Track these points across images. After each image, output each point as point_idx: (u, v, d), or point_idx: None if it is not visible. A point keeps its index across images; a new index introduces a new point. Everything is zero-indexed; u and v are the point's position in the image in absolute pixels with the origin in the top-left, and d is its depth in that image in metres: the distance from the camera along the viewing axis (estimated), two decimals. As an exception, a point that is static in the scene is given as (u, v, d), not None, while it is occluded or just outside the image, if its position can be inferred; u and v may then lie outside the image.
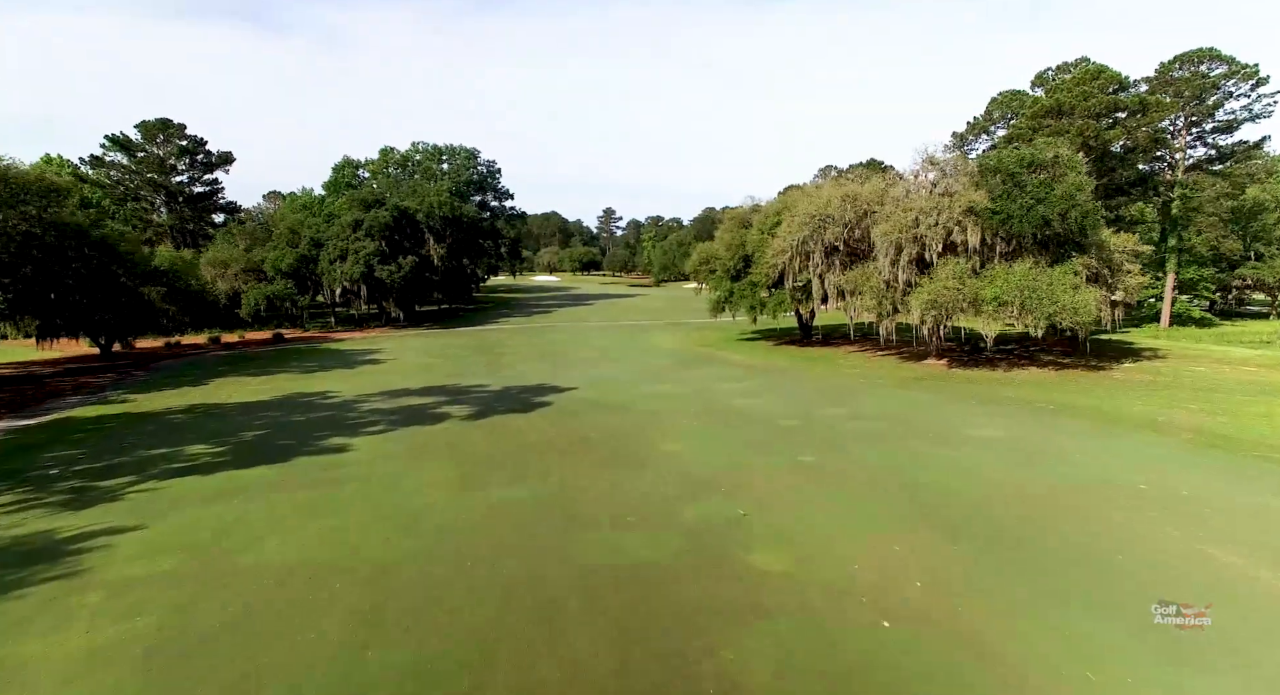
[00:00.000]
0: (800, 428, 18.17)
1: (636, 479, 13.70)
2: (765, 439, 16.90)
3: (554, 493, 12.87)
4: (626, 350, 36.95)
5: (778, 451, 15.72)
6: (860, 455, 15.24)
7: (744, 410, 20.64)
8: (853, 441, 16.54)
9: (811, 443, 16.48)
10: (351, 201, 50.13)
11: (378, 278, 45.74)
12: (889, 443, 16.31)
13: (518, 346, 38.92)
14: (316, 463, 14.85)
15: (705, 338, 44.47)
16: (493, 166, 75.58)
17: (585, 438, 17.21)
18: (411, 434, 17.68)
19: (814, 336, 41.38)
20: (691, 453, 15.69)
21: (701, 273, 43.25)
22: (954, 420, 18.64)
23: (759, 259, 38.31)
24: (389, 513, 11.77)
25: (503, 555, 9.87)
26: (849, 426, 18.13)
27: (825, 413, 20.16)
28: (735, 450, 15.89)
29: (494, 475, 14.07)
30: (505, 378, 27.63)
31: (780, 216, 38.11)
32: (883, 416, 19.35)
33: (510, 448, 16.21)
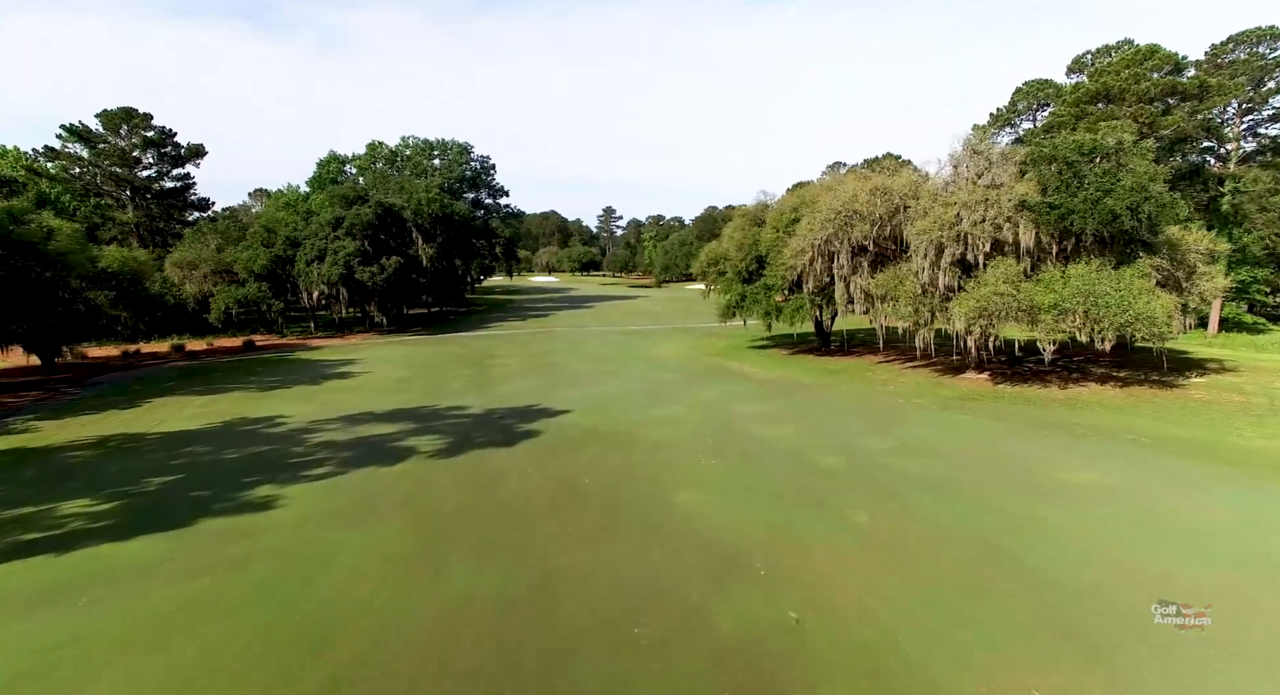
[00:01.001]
0: (842, 468, 14.71)
1: (644, 554, 10.25)
2: (802, 486, 13.44)
3: (533, 582, 9.41)
4: (628, 361, 33.47)
5: (821, 506, 12.28)
6: (931, 513, 11.79)
7: (769, 442, 17.16)
8: (915, 490, 13.07)
9: (862, 491, 13.03)
10: (332, 198, 46.67)
11: (358, 280, 42.28)
12: (962, 493, 12.84)
13: (508, 357, 35.43)
14: (226, 528, 11.37)
15: (713, 345, 41.00)
16: (487, 162, 72.13)
17: (578, 485, 13.74)
18: (363, 479, 14.20)
19: (832, 344, 37.91)
20: (712, 508, 12.24)
21: (710, 274, 39.78)
22: (1031, 459, 15.16)
23: (774, 260, 34.85)
24: (299, 621, 8.30)
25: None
26: (903, 466, 14.66)
27: (868, 445, 16.70)
28: (767, 504, 12.44)
29: (456, 548, 10.61)
30: (490, 396, 24.14)
31: (798, 213, 34.64)
32: (941, 452, 15.87)
33: (483, 502, 12.73)
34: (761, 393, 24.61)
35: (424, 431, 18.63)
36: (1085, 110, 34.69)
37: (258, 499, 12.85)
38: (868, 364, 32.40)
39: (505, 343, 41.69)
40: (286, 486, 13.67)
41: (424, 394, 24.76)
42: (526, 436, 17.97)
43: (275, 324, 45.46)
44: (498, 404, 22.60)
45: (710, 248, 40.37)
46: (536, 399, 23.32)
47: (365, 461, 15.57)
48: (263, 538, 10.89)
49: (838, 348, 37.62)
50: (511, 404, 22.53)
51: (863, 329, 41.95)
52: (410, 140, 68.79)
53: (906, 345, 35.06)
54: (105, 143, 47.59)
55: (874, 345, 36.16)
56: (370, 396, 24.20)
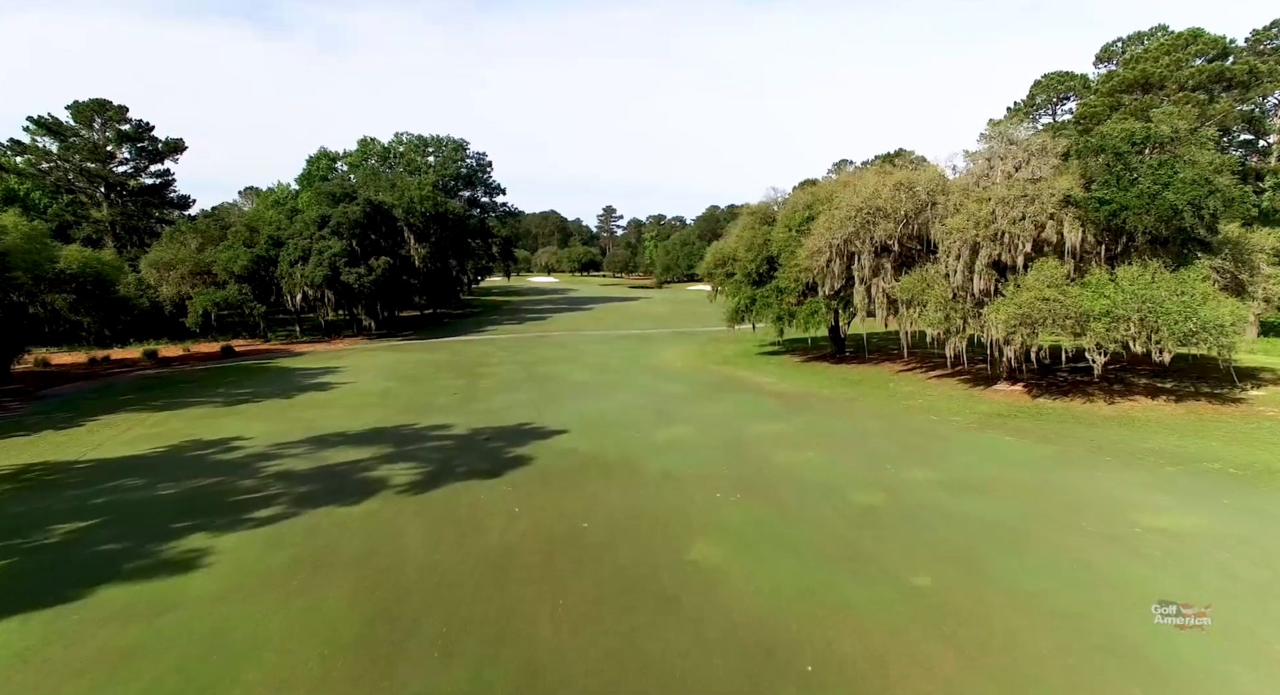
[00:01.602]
0: (885, 508, 12.42)
1: (659, 643, 7.97)
2: (841, 535, 11.15)
3: (511, 684, 7.12)
4: (630, 370, 31.15)
5: (871, 564, 10.01)
6: (1007, 575, 9.51)
7: (794, 472, 14.86)
8: (979, 541, 10.78)
9: (915, 542, 10.74)
10: (318, 195, 44.35)
11: (344, 282, 39.96)
12: (1037, 546, 10.55)
13: (501, 364, 33.10)
14: (128, 601, 9.05)
15: (721, 351, 38.68)
16: (483, 159, 69.81)
17: (574, 532, 11.44)
18: (315, 525, 11.88)
19: (848, 351, 35.60)
20: (737, 568, 9.95)
21: (717, 276, 37.46)
22: (1103, 496, 12.85)
23: (786, 261, 32.53)
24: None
25: None
26: (957, 508, 12.35)
27: (910, 477, 14.40)
28: (803, 561, 10.15)
29: (417, 631, 8.31)
30: (477, 413, 21.82)
31: (812, 211, 32.32)
32: (995, 487, 13.57)
33: (456, 559, 10.42)
34: (778, 409, 22.29)
35: (399, 458, 16.30)
36: (1119, 100, 32.38)
37: (181, 555, 10.52)
38: (888, 373, 30.11)
39: (499, 349, 39.36)
40: (221, 535, 11.34)
41: (405, 409, 22.44)
42: (515, 464, 15.65)
43: (258, 328, 43.15)
44: (486, 422, 20.28)
45: (717, 247, 38.06)
46: (529, 416, 21.00)
47: (324, 499, 13.24)
48: (169, 618, 8.57)
49: (853, 354, 35.31)
50: (501, 422, 20.21)
51: (877, 333, 39.66)
52: (404, 137, 66.56)
53: (927, 352, 32.79)
54: (77, 136, 45.17)
55: (891, 351, 33.90)
56: (346, 413, 21.87)
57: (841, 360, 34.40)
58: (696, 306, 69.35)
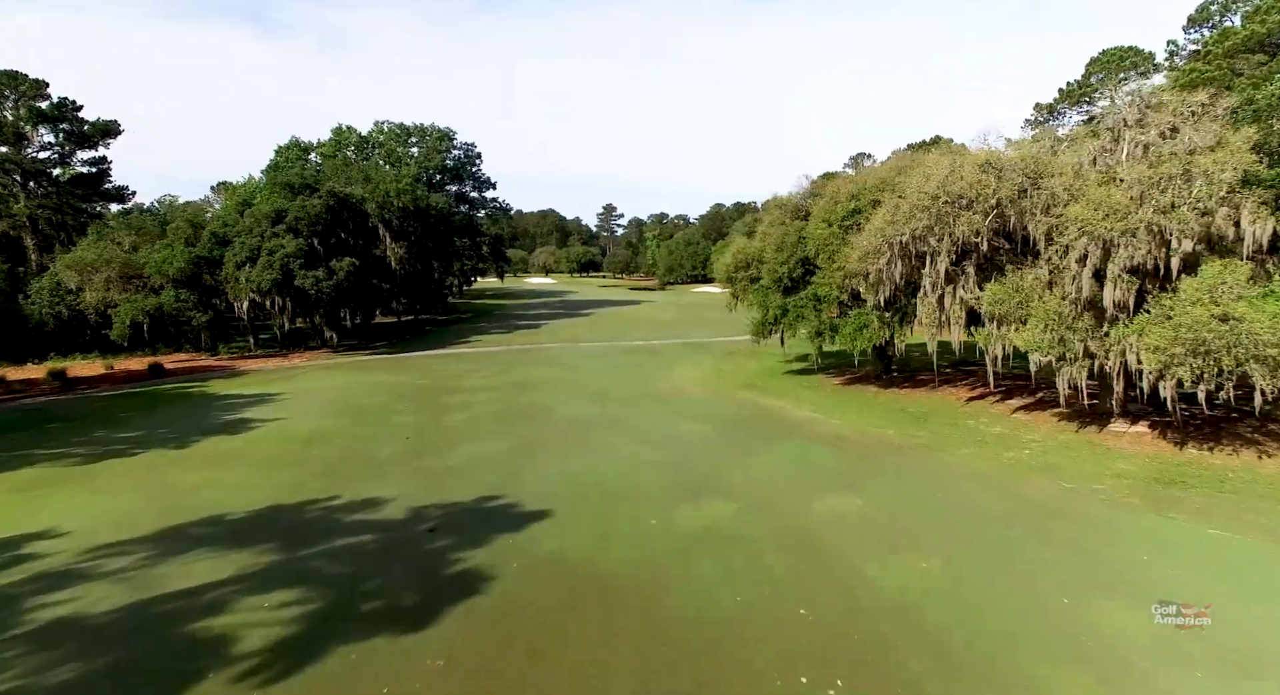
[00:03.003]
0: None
1: None
2: None
3: None
4: (636, 399, 25.14)
5: None
6: None
7: (918, 615, 8.99)
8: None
9: None
10: (272, 187, 38.36)
11: (299, 287, 33.98)
12: None
13: (477, 391, 27.07)
14: None
15: (742, 368, 32.71)
16: (471, 150, 63.79)
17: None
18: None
19: (893, 370, 29.63)
20: None
21: (738, 281, 31.45)
22: None
23: (827, 264, 26.60)
24: None
25: None
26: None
27: (1115, 625, 8.49)
28: None
29: None
30: (428, 475, 15.84)
31: (860, 202, 26.41)
32: (1269, 658, 7.64)
33: None
34: (841, 467, 16.33)
35: (279, 578, 10.32)
36: (1231, 64, 26.42)
37: None
38: (955, 402, 24.18)
39: (480, 367, 33.35)
40: None
41: (331, 469, 16.44)
42: (460, 594, 9.71)
43: (206, 341, 37.17)
44: (435, 494, 14.30)
45: (740, 247, 32.07)
46: (499, 482, 15.03)
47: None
48: None
49: (901, 374, 29.36)
50: (457, 495, 14.23)
51: (914, 346, 33.62)
52: (385, 126, 60.53)
53: (974, 366, 26.92)
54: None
55: (943, 371, 28.04)
56: (246, 475, 15.87)
57: (890, 382, 28.44)
58: (705, 311, 63.37)
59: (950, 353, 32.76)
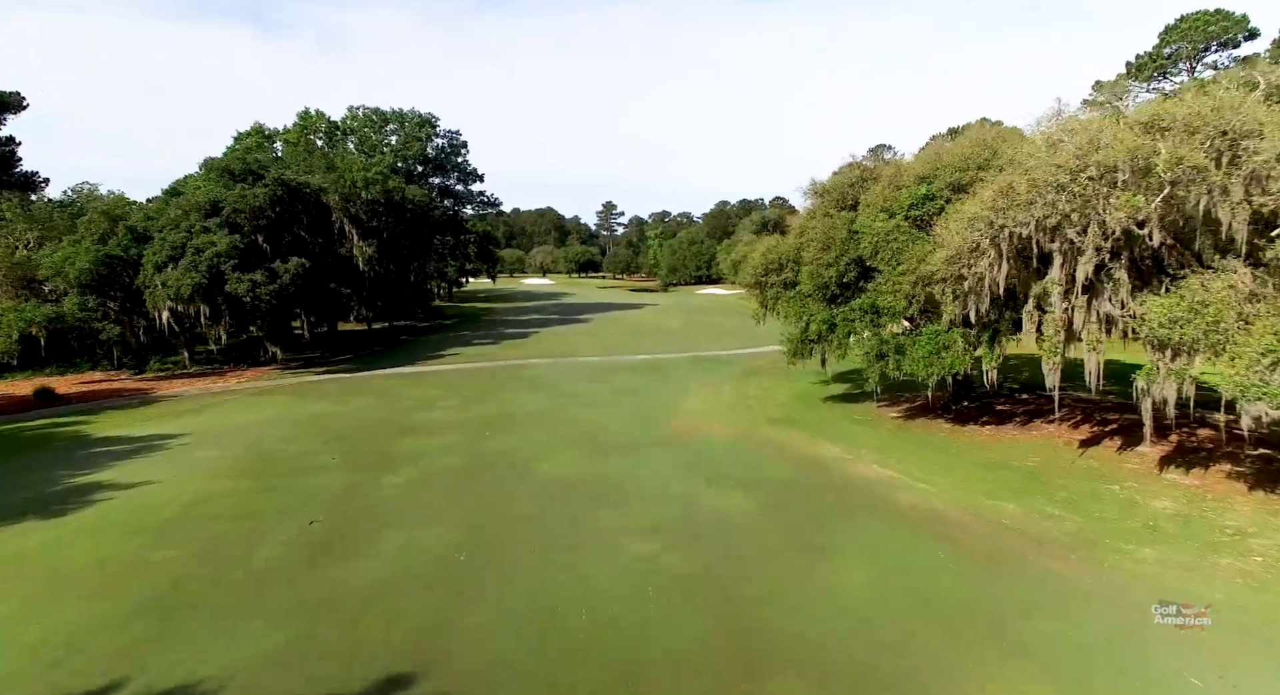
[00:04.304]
0: None
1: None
2: None
3: None
4: (643, 447, 19.07)
5: None
6: None
7: None
8: None
9: None
10: (208, 173, 32.35)
11: (231, 293, 27.96)
12: None
13: (435, 432, 21.02)
14: None
15: (771, 394, 26.69)
16: (456, 139, 57.68)
17: None
18: None
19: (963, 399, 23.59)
20: None
21: (768, 286, 25.37)
22: None
23: (889, 266, 20.62)
24: None
25: None
26: None
27: None
28: None
29: None
30: (310, 614, 9.84)
31: (933, 187, 20.41)
32: None
33: None
34: (970, 591, 10.34)
35: None
36: None
37: None
38: (1065, 446, 18.38)
39: (450, 391, 27.27)
40: None
41: (164, 595, 10.44)
42: None
43: (126, 358, 31.22)
44: (307, 664, 8.24)
45: (769, 246, 25.99)
46: (423, 628, 9.07)
47: None
48: None
49: (970, 402, 23.34)
50: (343, 664, 8.16)
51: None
52: (359, 111, 54.51)
53: (1040, 392, 21.03)
54: None
55: (1018, 397, 22.07)
56: (26, 614, 9.82)
57: (962, 414, 22.41)
58: (714, 317, 57.32)
59: (1013, 369, 26.83)
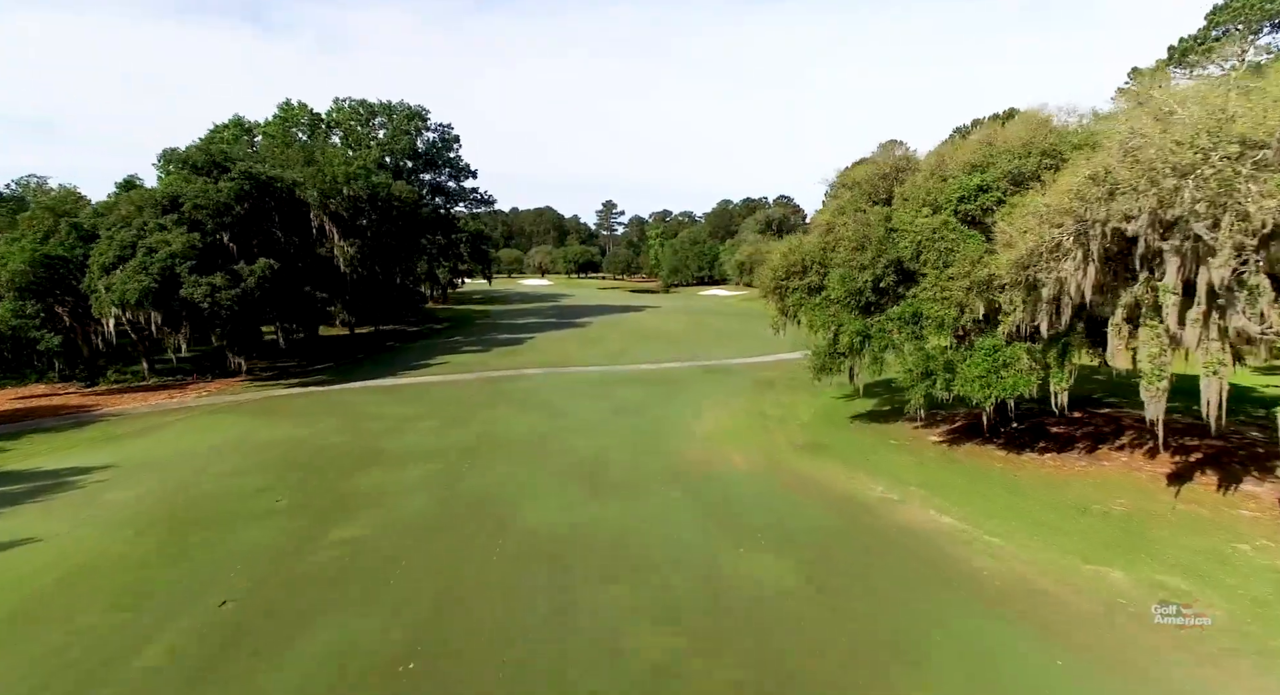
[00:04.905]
0: None
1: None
2: None
3: None
4: (649, 485, 16.08)
5: None
6: None
7: None
8: None
9: None
10: (168, 165, 29.38)
11: (186, 298, 24.98)
12: None
13: (405, 463, 18.03)
14: None
15: (792, 411, 23.75)
16: (448, 133, 54.68)
17: None
18: None
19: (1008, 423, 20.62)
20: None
21: (789, 292, 22.37)
22: None
23: (936, 269, 17.65)
24: None
25: None
26: None
27: None
28: None
29: None
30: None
31: (987, 175, 17.45)
32: None
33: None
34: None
35: None
36: None
37: None
38: (1146, 480, 15.42)
39: (430, 408, 24.26)
40: None
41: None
42: None
43: (81, 367, 28.28)
44: None
45: (790, 246, 22.97)
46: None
47: None
48: None
49: (1019, 424, 20.35)
50: None
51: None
52: (345, 103, 51.52)
53: (1101, 410, 18.11)
54: None
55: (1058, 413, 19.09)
56: None
57: (1015, 439, 19.46)
58: (719, 320, 54.36)
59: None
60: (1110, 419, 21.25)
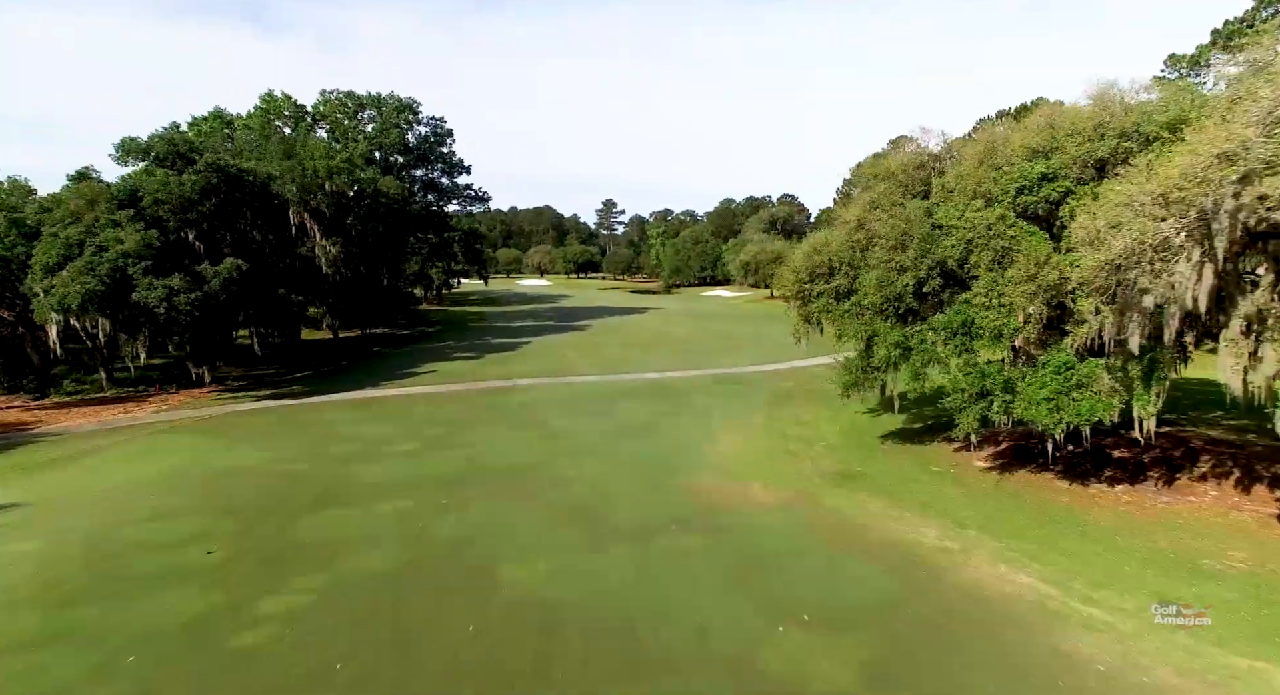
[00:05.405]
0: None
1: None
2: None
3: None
4: (662, 532, 13.57)
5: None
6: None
7: None
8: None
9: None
10: (126, 156, 26.80)
11: (139, 302, 22.42)
12: None
13: (372, 499, 15.51)
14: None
15: (815, 429, 21.23)
16: (441, 127, 52.09)
17: None
18: None
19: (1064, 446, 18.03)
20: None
21: (814, 297, 19.79)
22: None
23: (990, 271, 15.13)
24: None
25: None
26: None
27: None
28: None
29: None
30: None
31: (1049, 164, 14.92)
32: None
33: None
34: None
35: None
36: None
37: None
38: (1252, 521, 12.92)
39: (404, 430, 21.66)
40: None
41: None
42: None
43: (29, 376, 25.78)
44: None
45: (815, 245, 20.38)
46: None
47: None
48: None
49: (1077, 447, 17.77)
50: None
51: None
52: (332, 95, 48.98)
53: (1168, 425, 15.59)
54: None
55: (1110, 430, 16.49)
56: None
57: (1075, 465, 16.93)
58: (725, 324, 51.80)
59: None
60: (1176, 440, 18.67)
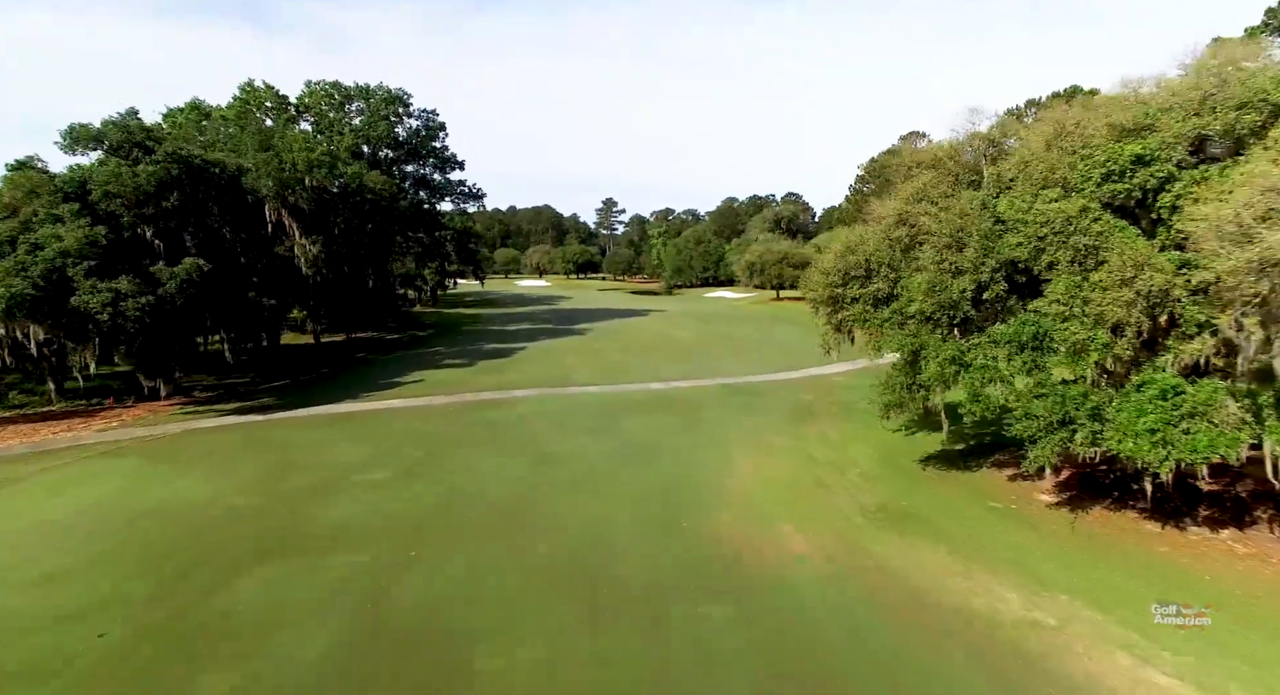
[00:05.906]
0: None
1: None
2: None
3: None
4: (671, 595, 11.08)
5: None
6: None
7: None
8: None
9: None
10: (74, 144, 24.17)
11: (78, 307, 19.83)
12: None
13: (322, 553, 13.01)
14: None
15: (847, 453, 18.64)
16: (433, 120, 49.45)
17: None
18: None
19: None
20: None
21: (848, 303, 17.18)
22: None
23: (1070, 273, 12.53)
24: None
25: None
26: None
27: None
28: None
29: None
30: None
31: (1146, 145, 12.31)
32: None
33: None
34: None
35: None
36: None
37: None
38: None
39: (377, 454, 19.05)
40: None
41: None
42: None
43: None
44: None
45: (849, 243, 17.73)
46: None
47: None
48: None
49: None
50: None
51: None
52: (317, 86, 46.39)
53: None
54: None
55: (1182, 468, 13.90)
56: None
57: (1160, 504, 14.35)
58: (730, 326, 49.16)
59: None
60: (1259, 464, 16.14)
